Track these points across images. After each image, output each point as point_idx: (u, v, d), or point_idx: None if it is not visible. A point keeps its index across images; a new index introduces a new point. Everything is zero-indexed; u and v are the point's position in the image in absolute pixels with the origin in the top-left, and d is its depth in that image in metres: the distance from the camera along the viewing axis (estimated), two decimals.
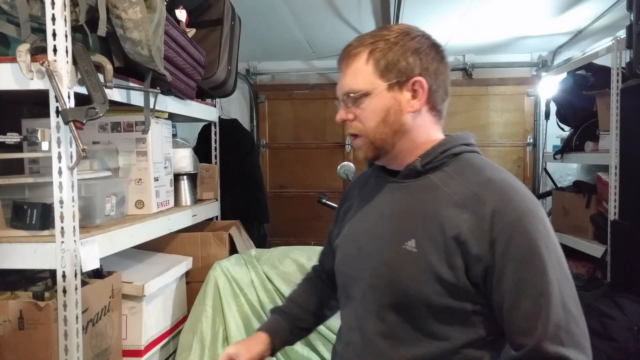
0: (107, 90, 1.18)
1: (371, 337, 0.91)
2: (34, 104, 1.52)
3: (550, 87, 3.24)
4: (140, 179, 1.59)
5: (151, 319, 1.58)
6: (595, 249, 2.49)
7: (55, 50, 1.10)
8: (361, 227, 1.00)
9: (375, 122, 0.91)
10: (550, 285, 0.79)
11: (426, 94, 0.91)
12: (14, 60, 1.10)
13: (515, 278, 0.80)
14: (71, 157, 1.13)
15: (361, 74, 0.91)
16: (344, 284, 1.01)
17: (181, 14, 1.73)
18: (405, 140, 0.93)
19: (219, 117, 2.43)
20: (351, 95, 0.92)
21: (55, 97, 1.09)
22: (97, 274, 1.38)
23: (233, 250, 2.02)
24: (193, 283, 1.89)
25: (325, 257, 1.18)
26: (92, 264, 1.20)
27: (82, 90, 1.16)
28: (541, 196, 3.53)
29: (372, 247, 0.94)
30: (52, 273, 1.19)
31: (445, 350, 0.86)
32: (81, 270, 1.17)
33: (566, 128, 3.06)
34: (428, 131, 0.95)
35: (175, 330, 1.77)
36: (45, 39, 1.10)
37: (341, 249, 1.03)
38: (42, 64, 1.09)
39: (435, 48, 0.96)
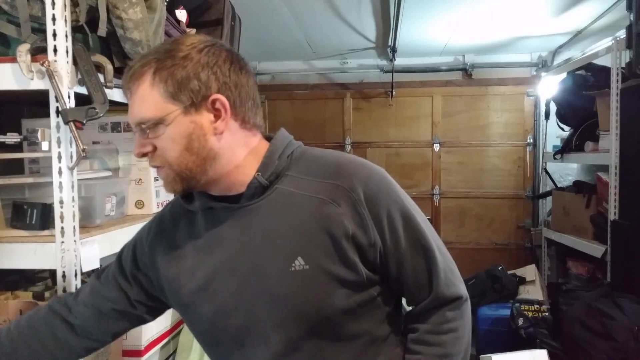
0: (107, 90, 1.18)
1: None
2: (34, 104, 1.52)
3: (550, 87, 3.24)
4: (140, 179, 1.59)
5: None
6: (595, 249, 2.49)
7: (55, 50, 1.10)
8: (222, 273, 0.85)
9: (178, 151, 0.80)
10: (429, 239, 0.85)
11: (229, 112, 0.81)
12: (14, 60, 1.10)
13: (404, 245, 0.83)
14: (71, 157, 1.13)
15: (149, 100, 0.79)
16: (233, 338, 0.85)
17: (181, 14, 1.73)
18: (220, 164, 0.82)
19: None
20: (142, 125, 0.80)
21: (56, 97, 1.09)
22: None
23: None
24: None
25: (93, 294, 0.97)
26: (92, 264, 1.20)
27: (83, 90, 1.15)
28: (541, 196, 3.54)
29: (254, 286, 0.82)
30: (52, 273, 1.19)
31: (367, 341, 0.85)
32: (81, 270, 1.17)
33: (566, 128, 3.07)
34: (247, 147, 0.85)
35: (175, 330, 1.77)
36: (45, 39, 1.10)
37: (204, 306, 0.86)
38: (42, 64, 1.08)
39: (231, 58, 0.83)
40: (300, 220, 0.81)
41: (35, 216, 1.16)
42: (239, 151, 0.84)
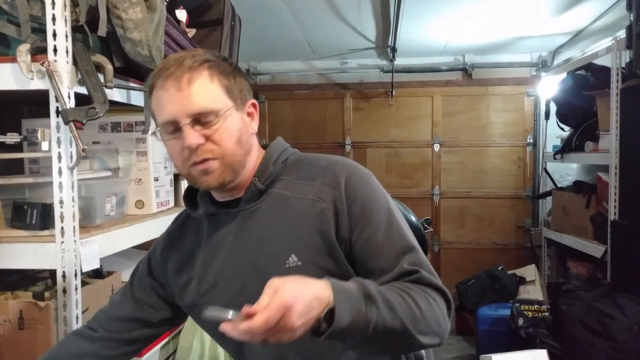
0: (107, 90, 1.18)
1: None
2: (34, 104, 1.52)
3: (550, 87, 3.25)
4: (140, 179, 1.59)
5: None
6: (595, 249, 2.49)
7: (55, 50, 1.10)
8: (224, 275, 0.90)
9: (232, 143, 0.84)
10: (405, 233, 0.86)
11: (258, 115, 0.93)
12: (14, 60, 1.10)
13: (380, 236, 0.84)
14: (71, 157, 1.13)
15: (210, 92, 0.83)
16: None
17: (181, 14, 1.73)
18: (250, 161, 0.90)
19: None
20: (202, 115, 0.82)
21: (56, 97, 1.09)
22: (97, 274, 1.38)
23: None
24: None
25: (113, 320, 1.01)
26: (92, 264, 1.20)
27: (82, 90, 1.16)
28: (541, 196, 3.54)
29: (255, 283, 0.82)
30: (52, 273, 1.19)
31: None
32: (81, 270, 1.17)
33: (566, 128, 3.07)
34: (257, 151, 0.94)
35: (175, 331, 1.77)
36: (45, 39, 1.10)
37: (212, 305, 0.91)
38: (42, 64, 1.09)
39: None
40: (293, 221, 0.86)
41: (35, 216, 1.16)
42: (255, 153, 0.92)
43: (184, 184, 1.99)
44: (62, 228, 1.13)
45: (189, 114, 0.81)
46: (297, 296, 0.67)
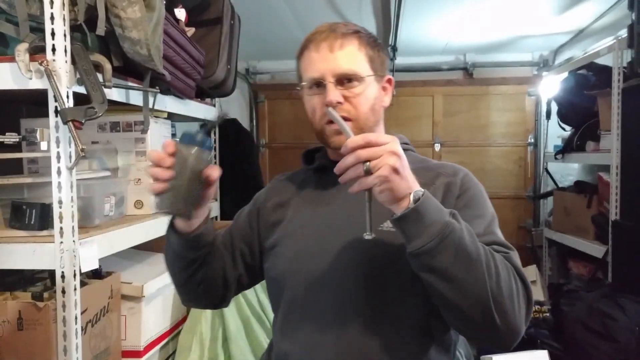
0: (106, 90, 1.18)
1: (359, 322, 0.88)
2: (33, 103, 1.51)
3: (551, 86, 3.24)
4: (139, 179, 1.58)
5: (150, 320, 1.57)
6: (597, 249, 2.48)
7: (54, 49, 1.10)
8: (318, 221, 0.96)
9: (367, 107, 0.93)
10: (496, 231, 0.92)
11: (392, 91, 0.99)
12: (12, 59, 1.09)
13: (476, 215, 0.90)
14: (70, 157, 1.13)
15: (358, 58, 0.93)
16: (303, 282, 0.93)
17: (180, 13, 1.73)
18: (376, 132, 0.95)
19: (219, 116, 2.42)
20: (347, 76, 0.91)
21: (54, 96, 1.09)
22: (96, 274, 1.37)
23: None
24: None
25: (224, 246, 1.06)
26: (91, 265, 1.19)
27: (81, 89, 1.15)
28: (542, 196, 3.53)
29: (342, 236, 0.91)
30: (51, 273, 1.18)
31: (418, 326, 0.89)
32: (80, 270, 1.16)
33: (567, 128, 3.06)
34: (383, 126, 1.01)
35: (174, 331, 1.76)
36: (44, 38, 1.10)
37: (291, 246, 0.96)
38: (40, 64, 1.08)
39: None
40: None
41: (34, 216, 1.16)
42: (382, 127, 0.99)
43: None
44: (61, 228, 1.13)
45: (335, 73, 0.91)
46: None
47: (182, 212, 0.85)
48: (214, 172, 0.83)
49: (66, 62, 1.11)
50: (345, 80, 0.92)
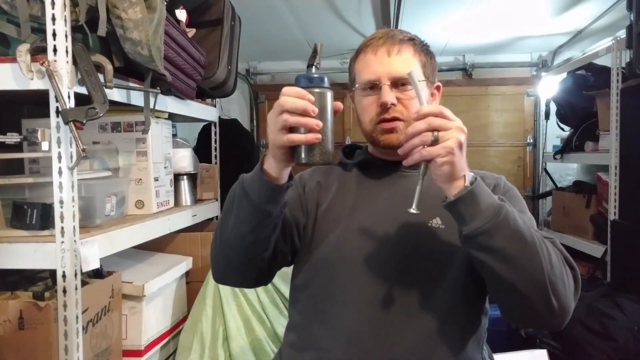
0: (107, 90, 1.18)
1: (396, 313, 0.90)
2: (34, 104, 1.52)
3: (550, 87, 3.24)
4: (140, 179, 1.59)
5: (151, 319, 1.58)
6: (595, 249, 2.49)
7: (55, 50, 1.10)
8: (362, 211, 0.97)
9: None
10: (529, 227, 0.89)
11: (439, 97, 1.03)
12: (14, 60, 1.10)
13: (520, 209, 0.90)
14: (71, 157, 1.13)
15: (412, 64, 0.97)
16: (340, 268, 0.93)
17: (181, 14, 1.73)
18: None
19: (219, 117, 2.43)
20: (404, 79, 0.94)
21: (55, 97, 1.09)
22: (97, 274, 1.38)
23: None
24: (193, 283, 1.89)
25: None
26: (92, 264, 1.20)
27: (82, 90, 1.16)
28: (541, 196, 3.53)
29: (387, 229, 0.94)
30: (52, 273, 1.19)
31: (457, 326, 0.92)
32: (81, 270, 1.17)
33: (566, 128, 3.07)
34: None
35: (175, 330, 1.77)
36: (45, 39, 1.10)
37: (334, 231, 0.96)
38: (42, 64, 1.09)
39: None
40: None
41: (35, 216, 1.16)
42: None
43: (184, 184, 1.99)
44: (62, 228, 1.13)
45: (391, 76, 0.95)
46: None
47: (332, 158, 0.80)
48: (339, 104, 0.81)
49: (67, 62, 1.11)
50: (400, 83, 0.96)
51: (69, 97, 1.12)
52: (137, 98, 1.42)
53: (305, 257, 0.99)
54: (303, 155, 0.77)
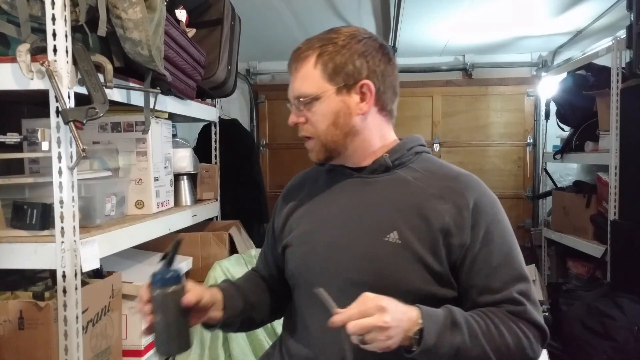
0: (107, 90, 1.18)
1: None
2: (34, 104, 1.52)
3: (550, 87, 3.24)
4: (140, 179, 1.59)
5: None
6: (595, 249, 2.49)
7: (55, 50, 1.10)
8: (324, 223, 0.98)
9: (326, 125, 0.93)
10: (518, 265, 0.91)
11: (374, 96, 0.94)
12: (14, 60, 1.10)
13: (494, 261, 0.89)
14: (71, 157, 1.13)
15: (310, 78, 0.93)
16: (310, 281, 0.95)
17: (181, 14, 1.73)
18: (358, 141, 0.95)
19: (219, 117, 2.43)
20: (301, 99, 0.94)
21: (55, 97, 1.09)
22: (97, 274, 1.38)
23: (233, 250, 2.02)
24: None
25: (263, 264, 1.14)
26: (92, 264, 1.20)
27: (82, 90, 1.16)
28: (541, 196, 3.53)
29: (345, 241, 0.93)
30: (52, 273, 1.19)
31: None
32: (81, 270, 1.17)
33: (566, 128, 3.07)
34: (380, 130, 0.98)
35: None
36: (45, 39, 1.10)
37: (300, 247, 0.99)
38: (42, 64, 1.08)
39: (382, 50, 0.96)
40: (406, 203, 0.91)
41: (35, 216, 1.16)
42: (374, 132, 0.97)
43: (184, 184, 1.99)
44: (62, 228, 1.13)
45: (294, 95, 0.95)
46: (390, 303, 0.76)
47: (178, 348, 0.87)
48: (191, 297, 0.86)
49: (67, 62, 1.11)
50: (305, 102, 0.94)
51: (69, 97, 1.11)
52: (137, 98, 1.42)
53: (286, 270, 1.04)
54: (155, 347, 0.88)
